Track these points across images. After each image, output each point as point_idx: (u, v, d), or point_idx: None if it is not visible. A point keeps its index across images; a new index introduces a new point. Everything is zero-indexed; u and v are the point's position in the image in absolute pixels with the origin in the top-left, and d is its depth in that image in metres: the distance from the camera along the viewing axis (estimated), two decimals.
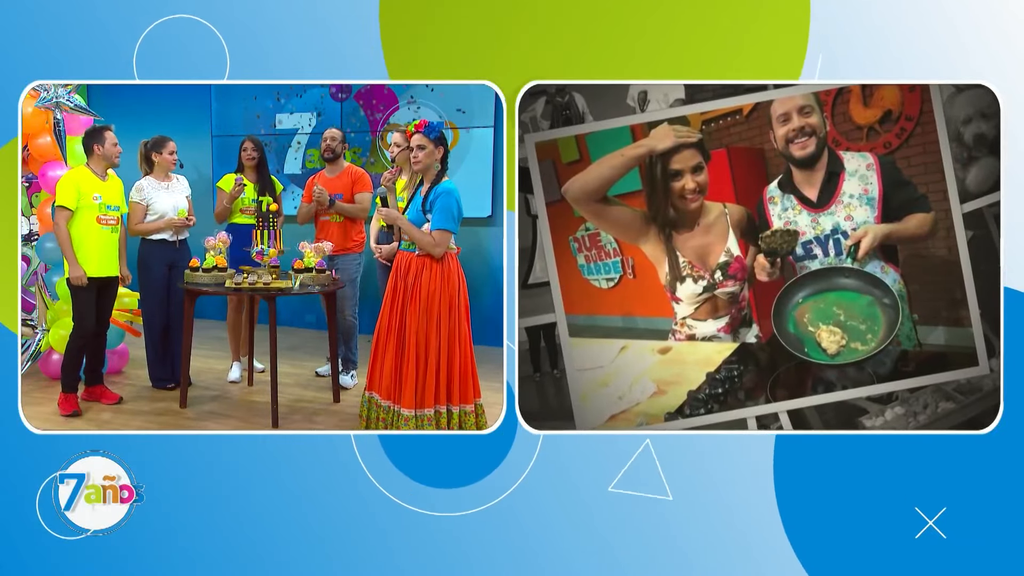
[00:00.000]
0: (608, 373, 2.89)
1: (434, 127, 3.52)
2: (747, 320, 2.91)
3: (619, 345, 2.91)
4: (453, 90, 5.68)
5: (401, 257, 3.61)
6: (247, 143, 4.80)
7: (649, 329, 2.93)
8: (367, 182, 4.73)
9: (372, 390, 3.60)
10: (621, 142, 2.86)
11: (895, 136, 2.82)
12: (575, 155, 2.87)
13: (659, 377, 2.90)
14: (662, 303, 2.92)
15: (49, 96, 3.91)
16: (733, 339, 2.90)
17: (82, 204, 3.90)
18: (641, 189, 2.87)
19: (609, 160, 2.85)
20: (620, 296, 2.93)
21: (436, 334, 3.50)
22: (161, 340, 4.42)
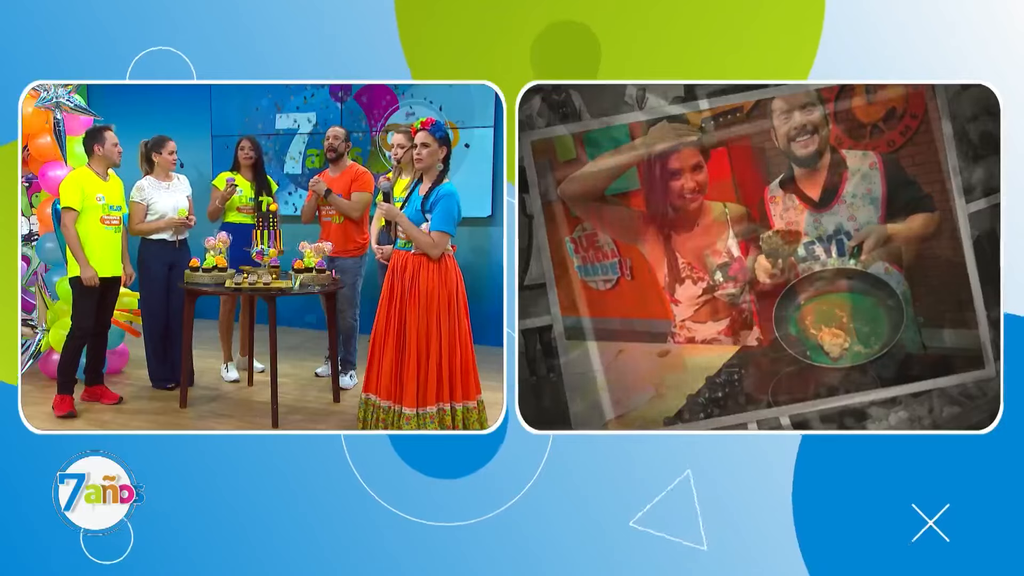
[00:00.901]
0: (605, 377, 2.88)
1: (440, 126, 3.53)
2: (747, 323, 2.90)
3: (616, 348, 2.90)
4: (447, 91, 5.70)
5: (398, 256, 3.60)
6: (244, 142, 4.80)
7: (648, 332, 2.92)
8: (367, 181, 4.70)
9: (370, 391, 3.59)
10: (619, 140, 2.85)
11: (899, 134, 2.81)
12: (572, 154, 2.86)
13: (658, 380, 2.89)
14: (660, 305, 2.91)
15: (49, 96, 3.91)
16: (733, 342, 2.89)
17: (86, 205, 3.90)
18: (639, 188, 2.87)
19: (606, 159, 2.84)
20: (618, 298, 2.91)
21: (436, 332, 3.50)
22: (162, 340, 4.42)
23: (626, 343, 2.90)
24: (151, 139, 4.50)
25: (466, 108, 5.75)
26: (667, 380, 2.89)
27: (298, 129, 6.36)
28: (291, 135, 6.38)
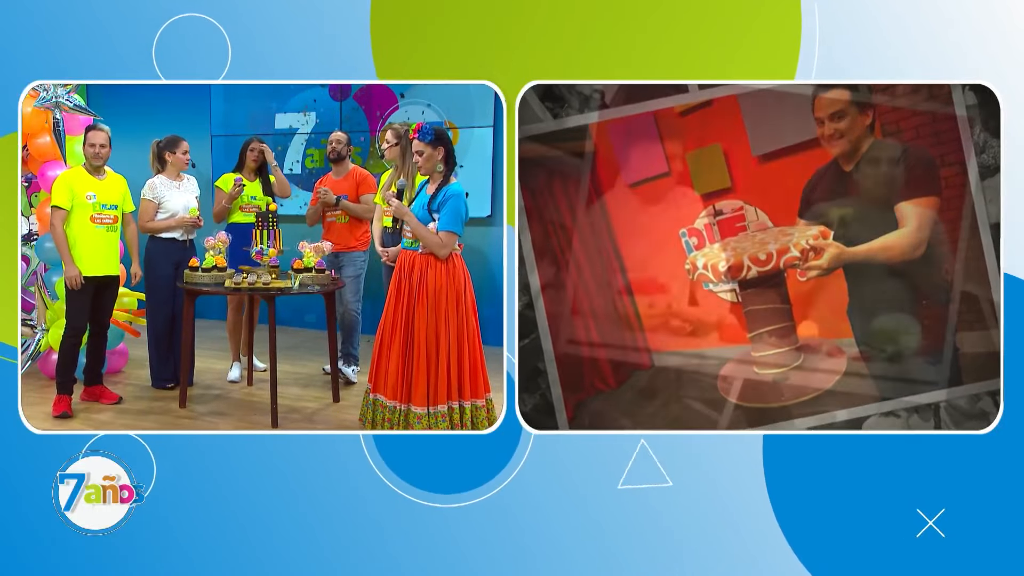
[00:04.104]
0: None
1: (427, 130, 3.52)
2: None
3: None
4: (444, 91, 5.71)
5: (404, 256, 3.60)
6: (256, 144, 4.80)
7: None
8: (372, 183, 4.77)
9: (377, 392, 3.59)
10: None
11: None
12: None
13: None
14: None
15: (49, 96, 3.92)
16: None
17: (76, 203, 3.89)
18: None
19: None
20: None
21: (445, 331, 3.50)
22: (165, 340, 4.42)
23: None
24: (164, 139, 4.50)
25: (466, 108, 5.76)
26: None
27: (298, 129, 6.37)
28: (291, 135, 6.38)
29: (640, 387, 2.88)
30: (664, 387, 2.87)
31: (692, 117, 2.85)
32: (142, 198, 4.39)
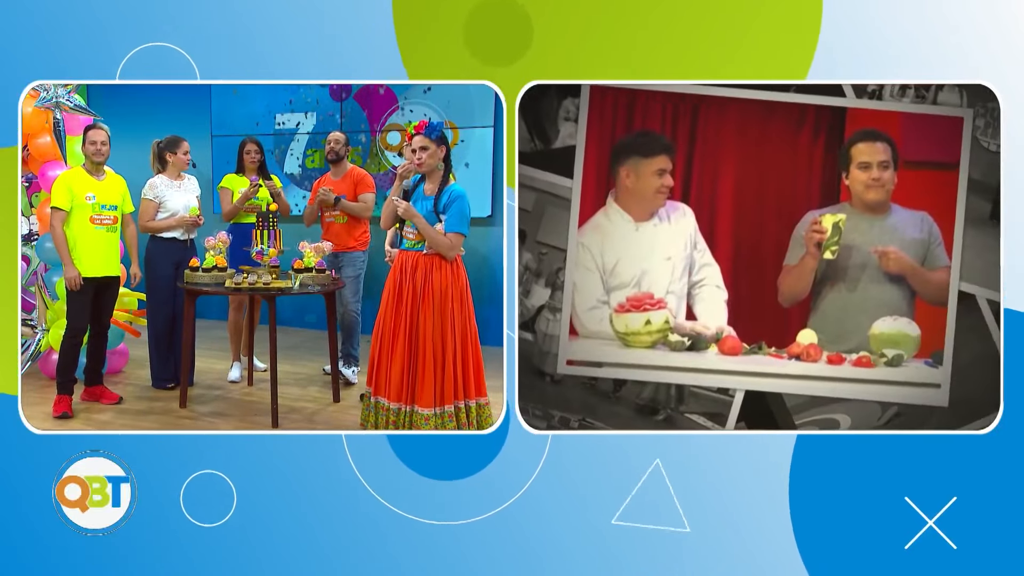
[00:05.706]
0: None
1: (435, 127, 3.51)
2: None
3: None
4: (446, 91, 5.70)
5: (406, 256, 3.57)
6: (250, 145, 4.80)
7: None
8: (370, 183, 4.76)
9: (379, 394, 3.57)
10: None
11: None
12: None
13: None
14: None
15: (49, 96, 3.92)
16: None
17: (75, 204, 3.89)
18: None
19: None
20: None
21: (451, 330, 3.50)
22: (165, 340, 4.42)
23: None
24: (164, 139, 4.50)
25: (466, 108, 5.76)
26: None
27: (298, 129, 6.37)
28: (291, 135, 6.38)
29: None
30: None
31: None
32: (143, 198, 4.39)
